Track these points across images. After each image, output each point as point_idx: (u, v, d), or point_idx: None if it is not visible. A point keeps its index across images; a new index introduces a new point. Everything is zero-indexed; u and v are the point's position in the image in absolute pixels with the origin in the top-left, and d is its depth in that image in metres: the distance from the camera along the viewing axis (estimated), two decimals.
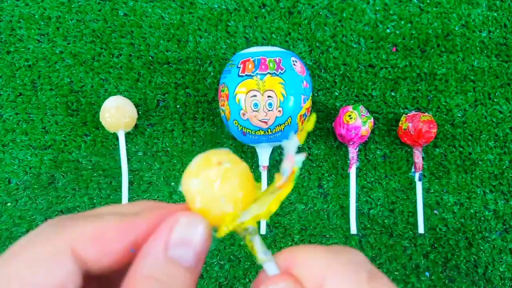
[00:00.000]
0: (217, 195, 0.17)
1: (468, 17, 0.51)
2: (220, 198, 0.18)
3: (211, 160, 0.18)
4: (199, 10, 0.52)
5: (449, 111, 0.50)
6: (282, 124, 0.43)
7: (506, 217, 0.49)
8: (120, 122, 0.48)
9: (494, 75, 0.50)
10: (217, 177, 0.18)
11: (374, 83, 0.51)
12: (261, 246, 0.18)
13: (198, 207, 0.18)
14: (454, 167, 0.50)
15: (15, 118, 0.52)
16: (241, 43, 0.51)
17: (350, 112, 0.47)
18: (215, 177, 0.18)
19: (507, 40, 0.51)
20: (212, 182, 0.18)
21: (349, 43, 0.51)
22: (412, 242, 0.49)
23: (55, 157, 0.51)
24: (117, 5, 0.52)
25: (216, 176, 0.18)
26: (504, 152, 0.50)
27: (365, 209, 0.50)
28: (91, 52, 0.52)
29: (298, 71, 0.44)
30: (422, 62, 0.51)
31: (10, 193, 0.51)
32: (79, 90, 0.52)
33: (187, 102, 0.51)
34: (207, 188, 0.18)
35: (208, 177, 0.18)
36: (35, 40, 0.52)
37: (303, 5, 0.51)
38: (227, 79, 0.44)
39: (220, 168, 0.18)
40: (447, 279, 0.49)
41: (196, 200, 0.18)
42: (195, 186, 0.18)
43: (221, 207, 0.18)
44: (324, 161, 0.50)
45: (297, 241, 0.49)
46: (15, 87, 0.52)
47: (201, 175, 0.18)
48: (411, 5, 0.51)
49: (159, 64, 0.52)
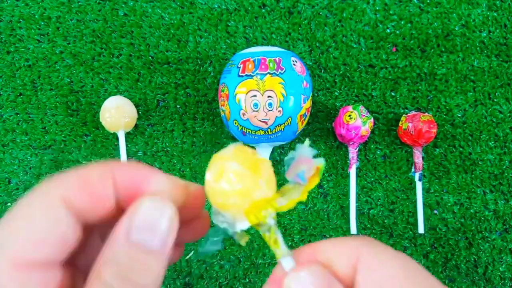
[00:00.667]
0: (257, 178, 0.18)
1: (468, 17, 0.51)
2: (259, 180, 0.18)
3: (246, 150, 0.19)
4: (199, 10, 0.52)
5: (449, 111, 0.50)
6: (282, 124, 0.43)
7: (506, 217, 0.49)
8: (120, 122, 0.48)
9: (494, 75, 0.50)
10: (256, 163, 0.18)
11: (374, 83, 0.51)
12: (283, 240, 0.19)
13: (239, 188, 0.18)
14: (454, 167, 0.50)
15: (15, 118, 0.52)
16: (241, 43, 0.51)
17: (350, 112, 0.47)
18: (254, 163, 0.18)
19: (507, 40, 0.51)
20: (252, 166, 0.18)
21: (349, 43, 0.51)
22: (412, 242, 0.49)
23: (55, 157, 0.51)
24: (117, 5, 0.52)
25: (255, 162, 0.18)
26: (504, 152, 0.50)
27: (365, 209, 0.50)
28: (91, 52, 0.52)
29: (298, 71, 0.44)
30: (422, 62, 0.51)
31: (10, 193, 0.51)
32: (79, 90, 0.52)
33: (187, 102, 0.51)
34: (246, 171, 0.18)
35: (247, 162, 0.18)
36: (35, 40, 0.52)
37: (303, 5, 0.51)
38: (227, 79, 0.44)
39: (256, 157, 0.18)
40: (447, 279, 0.48)
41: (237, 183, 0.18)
42: (236, 168, 0.18)
43: (260, 190, 0.18)
44: (324, 161, 0.50)
45: (297, 241, 0.49)
46: (15, 87, 0.52)
47: (240, 160, 0.18)
48: (411, 5, 0.51)
49: (159, 64, 0.52)
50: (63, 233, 0.16)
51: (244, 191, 0.18)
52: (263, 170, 0.18)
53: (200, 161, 0.50)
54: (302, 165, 0.18)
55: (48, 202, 0.17)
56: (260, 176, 0.18)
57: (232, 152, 0.18)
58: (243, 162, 0.18)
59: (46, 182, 0.17)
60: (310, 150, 0.18)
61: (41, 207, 0.16)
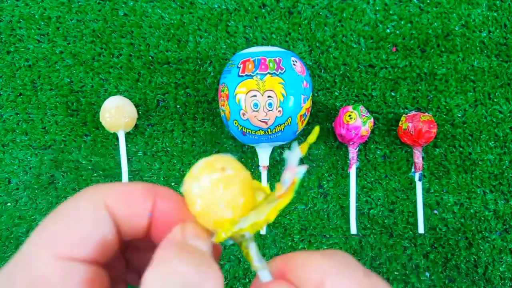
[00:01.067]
0: (217, 200, 0.18)
1: (468, 17, 0.51)
2: (219, 203, 0.18)
3: (214, 165, 0.18)
4: (199, 10, 0.52)
5: (449, 111, 0.50)
6: (282, 124, 0.43)
7: (506, 217, 0.49)
8: (120, 122, 0.48)
9: (494, 75, 0.50)
10: (218, 182, 0.18)
11: (374, 83, 0.51)
12: (257, 254, 0.18)
13: (198, 210, 0.18)
14: (454, 167, 0.50)
15: (15, 118, 0.52)
16: (241, 43, 0.51)
17: (350, 112, 0.47)
18: (217, 182, 0.18)
19: (507, 40, 0.51)
20: (213, 187, 0.18)
21: (349, 43, 0.51)
22: (412, 242, 0.49)
23: (55, 157, 0.51)
24: (117, 5, 0.52)
25: (217, 181, 0.18)
26: (504, 152, 0.50)
27: (365, 209, 0.50)
28: (91, 52, 0.52)
29: (298, 71, 0.44)
30: (422, 62, 0.51)
31: (10, 193, 0.51)
32: (79, 90, 0.52)
33: (187, 102, 0.51)
34: (207, 192, 0.18)
35: (210, 182, 0.18)
36: (35, 40, 0.52)
37: (303, 5, 0.51)
38: (227, 79, 0.44)
39: (222, 174, 0.18)
40: (447, 279, 0.49)
41: (196, 204, 0.18)
42: (196, 189, 0.18)
43: (220, 212, 0.18)
44: (324, 161, 0.50)
45: (297, 241, 0.49)
46: (15, 87, 0.52)
47: (203, 180, 0.18)
48: (411, 5, 0.51)
49: (159, 64, 0.52)
50: (105, 236, 0.17)
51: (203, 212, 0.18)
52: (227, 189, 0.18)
53: None
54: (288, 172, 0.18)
55: (93, 204, 0.17)
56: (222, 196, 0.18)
57: (198, 170, 0.18)
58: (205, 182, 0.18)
59: (91, 187, 0.18)
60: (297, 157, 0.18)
61: (86, 207, 0.17)
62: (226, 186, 0.18)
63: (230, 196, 0.18)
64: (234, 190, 0.18)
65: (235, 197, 0.18)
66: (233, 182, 0.18)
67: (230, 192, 0.18)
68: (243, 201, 0.18)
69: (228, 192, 0.18)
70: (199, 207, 0.18)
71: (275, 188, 0.18)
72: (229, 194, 0.18)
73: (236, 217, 0.18)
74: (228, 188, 0.18)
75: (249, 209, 0.18)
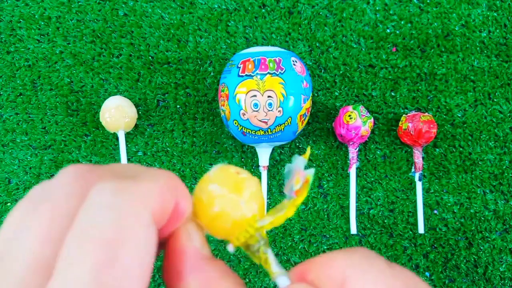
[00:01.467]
0: (237, 199, 0.18)
1: (468, 17, 0.51)
2: (240, 201, 0.18)
3: (229, 170, 0.19)
4: (199, 10, 0.52)
5: (449, 111, 0.50)
6: (282, 124, 0.43)
7: (506, 217, 0.49)
8: (120, 122, 0.48)
9: (494, 75, 0.50)
10: (237, 183, 0.18)
11: (374, 83, 0.51)
12: (275, 259, 0.19)
13: (216, 211, 0.18)
14: (454, 167, 0.50)
15: (15, 118, 0.52)
16: (241, 43, 0.51)
17: (350, 112, 0.47)
18: (235, 183, 0.18)
19: (507, 40, 0.51)
20: (233, 186, 0.18)
21: (349, 43, 0.51)
22: (412, 242, 0.49)
23: (55, 157, 0.51)
24: (117, 5, 0.52)
25: (236, 182, 0.18)
26: (504, 152, 0.50)
27: (365, 209, 0.50)
28: (91, 52, 0.52)
29: (298, 71, 0.44)
30: (422, 62, 0.51)
31: (10, 193, 0.51)
32: (79, 90, 0.52)
33: (187, 102, 0.51)
34: (227, 192, 0.18)
35: (229, 182, 0.18)
36: (35, 40, 0.52)
37: (303, 5, 0.51)
38: (227, 79, 0.44)
39: (239, 176, 0.19)
40: (447, 279, 0.49)
41: (214, 205, 0.18)
42: (215, 190, 0.18)
43: (241, 210, 0.18)
44: (324, 161, 0.50)
45: (297, 241, 0.49)
46: (15, 87, 0.52)
47: (221, 181, 0.18)
48: (411, 5, 0.51)
49: (159, 64, 0.52)
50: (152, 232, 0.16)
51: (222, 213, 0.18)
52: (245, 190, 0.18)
53: (200, 161, 0.50)
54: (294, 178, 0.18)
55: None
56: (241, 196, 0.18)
57: (214, 173, 0.19)
58: (222, 183, 0.18)
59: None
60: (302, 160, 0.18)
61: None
62: (245, 186, 0.18)
63: (249, 195, 0.18)
64: (251, 191, 0.18)
65: (254, 197, 0.18)
66: (250, 183, 0.19)
67: (249, 192, 0.18)
68: (259, 203, 0.19)
69: (247, 192, 0.18)
70: (218, 207, 0.18)
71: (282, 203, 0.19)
72: (248, 194, 0.18)
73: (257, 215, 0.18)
74: (245, 189, 0.18)
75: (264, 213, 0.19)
